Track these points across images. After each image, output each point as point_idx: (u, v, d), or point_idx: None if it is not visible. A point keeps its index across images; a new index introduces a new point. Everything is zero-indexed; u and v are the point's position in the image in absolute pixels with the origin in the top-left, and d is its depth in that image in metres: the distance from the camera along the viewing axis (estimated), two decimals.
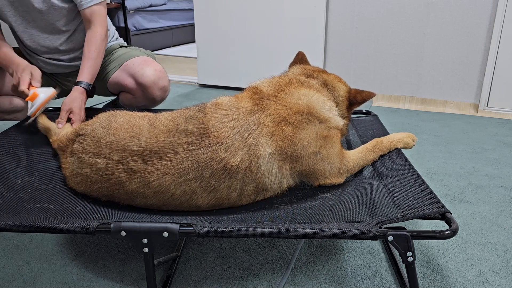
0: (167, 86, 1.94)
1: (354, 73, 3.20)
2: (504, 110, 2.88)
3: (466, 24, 2.83)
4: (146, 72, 1.86)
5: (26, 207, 1.15)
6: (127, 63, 1.91)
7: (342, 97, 1.34)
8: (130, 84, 1.88)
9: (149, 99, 1.91)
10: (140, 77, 1.85)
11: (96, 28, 1.77)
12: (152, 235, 1.00)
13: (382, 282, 1.24)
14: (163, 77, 1.90)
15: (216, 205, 1.16)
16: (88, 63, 1.74)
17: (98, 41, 1.77)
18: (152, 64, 1.90)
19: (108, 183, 1.17)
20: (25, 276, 1.27)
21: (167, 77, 1.94)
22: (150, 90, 1.87)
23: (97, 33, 1.77)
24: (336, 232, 0.98)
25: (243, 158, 1.11)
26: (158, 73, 1.88)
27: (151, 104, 1.96)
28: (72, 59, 1.91)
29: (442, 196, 1.75)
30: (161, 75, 1.89)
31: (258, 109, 1.17)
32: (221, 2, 3.33)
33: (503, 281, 1.26)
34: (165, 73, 1.93)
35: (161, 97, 1.93)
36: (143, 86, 1.86)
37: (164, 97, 1.96)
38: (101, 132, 1.22)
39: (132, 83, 1.88)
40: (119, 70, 1.91)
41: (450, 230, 0.98)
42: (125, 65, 1.91)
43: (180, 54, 5.17)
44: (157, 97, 1.91)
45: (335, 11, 3.11)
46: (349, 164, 1.28)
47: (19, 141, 1.54)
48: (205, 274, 1.28)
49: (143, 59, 1.92)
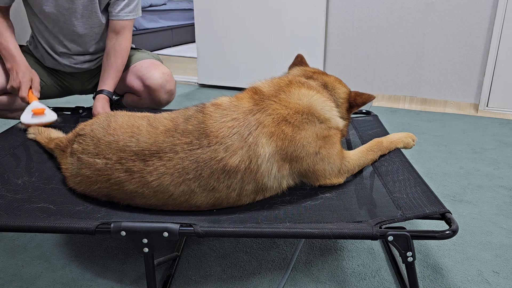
0: (174, 90, 1.95)
1: (354, 73, 3.20)
2: (504, 110, 2.88)
3: (466, 24, 2.83)
4: (154, 75, 1.87)
5: (26, 207, 1.15)
6: (135, 65, 1.92)
7: (342, 99, 1.34)
8: (137, 86, 1.89)
9: (155, 101, 1.92)
10: (148, 79, 1.86)
11: (124, 41, 1.82)
12: (152, 235, 1.00)
13: (382, 282, 1.24)
14: (171, 81, 1.91)
15: (216, 204, 1.16)
16: (113, 74, 1.78)
17: (125, 55, 1.82)
18: (160, 67, 1.91)
19: (107, 183, 1.17)
20: (25, 276, 1.27)
21: (174, 81, 1.95)
22: (157, 93, 1.88)
23: (125, 47, 1.82)
24: (336, 232, 0.98)
25: (243, 158, 1.11)
26: (166, 77, 1.89)
27: (156, 107, 1.97)
28: (81, 62, 1.93)
29: (442, 196, 1.75)
30: (168, 78, 1.90)
31: (258, 109, 1.17)
32: (221, 2, 3.33)
33: (503, 281, 1.26)
34: (173, 77, 1.95)
35: (167, 100, 1.95)
36: (150, 89, 1.87)
37: (170, 101, 1.97)
38: (100, 132, 1.22)
39: (139, 85, 1.89)
40: (126, 72, 1.92)
41: (450, 230, 0.98)
42: (133, 67, 1.92)
43: (180, 54, 5.17)
44: (163, 100, 1.92)
45: (335, 11, 3.11)
46: (349, 164, 1.28)
47: (19, 142, 1.54)
48: (205, 274, 1.28)
49: (151, 62, 1.92)
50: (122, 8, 1.79)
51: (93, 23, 1.81)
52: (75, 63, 1.91)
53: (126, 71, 1.92)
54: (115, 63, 1.79)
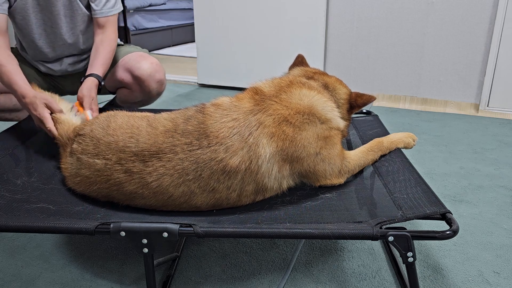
0: (164, 79, 1.94)
1: (354, 73, 3.20)
2: (504, 110, 2.87)
3: (466, 24, 2.82)
4: (142, 65, 1.87)
5: (25, 207, 1.15)
6: (123, 59, 1.92)
7: (343, 99, 1.34)
8: (127, 78, 1.89)
9: (145, 92, 1.91)
10: (137, 70, 1.86)
11: (111, 34, 1.82)
12: (152, 236, 1.00)
13: (382, 283, 1.24)
14: (160, 70, 1.91)
15: (216, 205, 1.16)
16: (101, 60, 1.75)
17: (113, 44, 1.82)
18: (148, 58, 1.91)
19: (107, 184, 1.16)
20: (25, 276, 1.27)
21: (164, 71, 1.95)
22: (147, 83, 1.87)
23: (113, 38, 1.82)
24: (337, 232, 0.98)
25: (243, 159, 1.11)
26: (154, 66, 1.89)
27: (148, 99, 1.96)
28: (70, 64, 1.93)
29: (443, 196, 1.75)
30: (157, 68, 1.90)
31: (259, 109, 1.17)
32: (221, 2, 3.33)
33: (504, 281, 1.25)
34: (161, 67, 1.94)
35: (158, 90, 1.94)
36: (140, 79, 1.87)
37: (161, 91, 1.96)
38: (100, 132, 1.22)
39: (129, 77, 1.88)
40: (115, 67, 1.92)
41: (451, 231, 0.97)
42: (121, 61, 1.92)
43: (180, 54, 5.17)
44: (153, 90, 1.91)
45: (335, 11, 3.10)
46: (349, 164, 1.27)
47: (18, 142, 1.54)
48: (205, 274, 1.28)
49: (138, 54, 1.93)
50: (104, 4, 1.81)
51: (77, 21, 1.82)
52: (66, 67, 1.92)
53: (115, 66, 1.92)
54: (104, 51, 1.77)
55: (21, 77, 1.54)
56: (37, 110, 1.44)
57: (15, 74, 1.53)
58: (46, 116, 1.42)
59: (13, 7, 1.69)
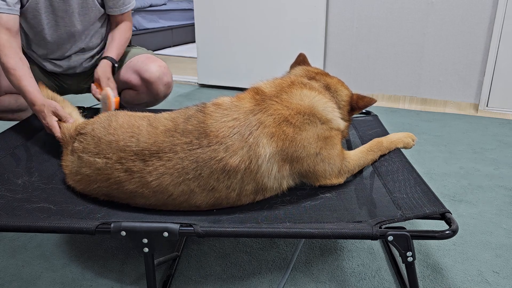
0: (171, 82, 1.96)
1: (354, 72, 3.20)
2: (504, 110, 2.88)
3: (466, 24, 2.83)
4: (151, 68, 1.88)
5: (26, 207, 1.15)
6: (131, 60, 1.93)
7: (344, 101, 1.34)
8: (135, 80, 1.90)
9: (152, 95, 1.93)
10: (145, 72, 1.87)
11: (128, 24, 1.92)
12: (152, 235, 1.00)
13: (382, 282, 1.24)
14: (167, 73, 1.93)
15: (215, 204, 1.16)
16: (116, 45, 1.85)
17: (129, 32, 1.92)
18: (156, 60, 1.93)
19: (107, 183, 1.17)
20: (25, 276, 1.27)
21: (171, 74, 1.97)
22: (155, 85, 1.89)
23: (129, 26, 1.92)
24: (336, 232, 0.98)
25: (243, 158, 1.11)
26: (162, 69, 1.90)
27: (154, 101, 1.98)
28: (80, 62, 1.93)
29: (442, 196, 1.75)
30: (165, 71, 1.92)
31: (259, 109, 1.17)
32: (221, 2, 3.33)
33: (503, 281, 1.26)
34: (169, 70, 1.96)
35: (165, 93, 1.96)
36: (148, 82, 1.88)
37: (167, 94, 1.98)
38: (101, 131, 1.22)
39: (137, 79, 1.90)
40: (123, 68, 1.93)
41: (450, 230, 0.98)
42: (129, 62, 1.93)
43: (180, 54, 5.17)
44: (161, 93, 1.93)
45: (335, 11, 3.11)
46: (349, 164, 1.28)
47: (19, 141, 1.54)
48: (205, 274, 1.28)
49: (147, 56, 1.94)
50: (120, 3, 1.86)
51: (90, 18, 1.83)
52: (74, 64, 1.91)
53: (122, 67, 1.93)
54: (119, 38, 1.86)
55: (30, 82, 1.56)
56: (46, 119, 1.48)
57: (25, 79, 1.55)
58: (54, 125, 1.46)
59: (25, 7, 1.70)
